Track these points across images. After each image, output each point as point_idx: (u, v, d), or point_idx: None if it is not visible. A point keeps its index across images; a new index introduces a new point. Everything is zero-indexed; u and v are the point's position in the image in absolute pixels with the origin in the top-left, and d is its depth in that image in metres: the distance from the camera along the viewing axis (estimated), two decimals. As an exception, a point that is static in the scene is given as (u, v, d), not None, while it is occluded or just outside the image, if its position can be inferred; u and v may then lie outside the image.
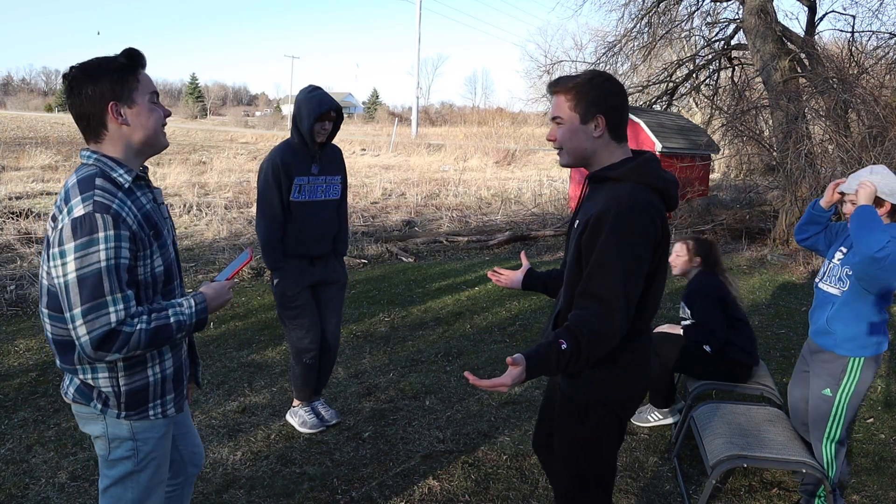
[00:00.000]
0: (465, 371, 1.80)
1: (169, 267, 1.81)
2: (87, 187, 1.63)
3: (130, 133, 1.72)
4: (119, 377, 1.76)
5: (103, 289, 1.59)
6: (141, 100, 1.72)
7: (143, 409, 1.81)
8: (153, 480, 1.88)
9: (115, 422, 1.79)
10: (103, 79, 1.67)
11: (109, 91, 1.68)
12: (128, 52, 1.73)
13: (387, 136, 35.85)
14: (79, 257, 1.58)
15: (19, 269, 6.44)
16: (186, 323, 1.74)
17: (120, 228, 1.61)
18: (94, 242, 1.58)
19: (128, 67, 1.71)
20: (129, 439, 1.81)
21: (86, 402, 1.79)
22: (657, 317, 6.07)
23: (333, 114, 3.33)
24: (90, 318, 1.59)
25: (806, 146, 8.94)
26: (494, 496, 3.05)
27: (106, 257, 1.59)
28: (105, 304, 1.60)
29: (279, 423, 3.69)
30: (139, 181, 1.78)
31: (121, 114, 1.70)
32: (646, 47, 13.32)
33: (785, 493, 3.16)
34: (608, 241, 1.74)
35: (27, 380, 4.17)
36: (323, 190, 3.46)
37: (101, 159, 1.71)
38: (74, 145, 22.47)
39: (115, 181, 1.69)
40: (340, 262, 3.65)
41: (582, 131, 1.87)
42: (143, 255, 1.70)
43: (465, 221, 11.01)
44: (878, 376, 4.77)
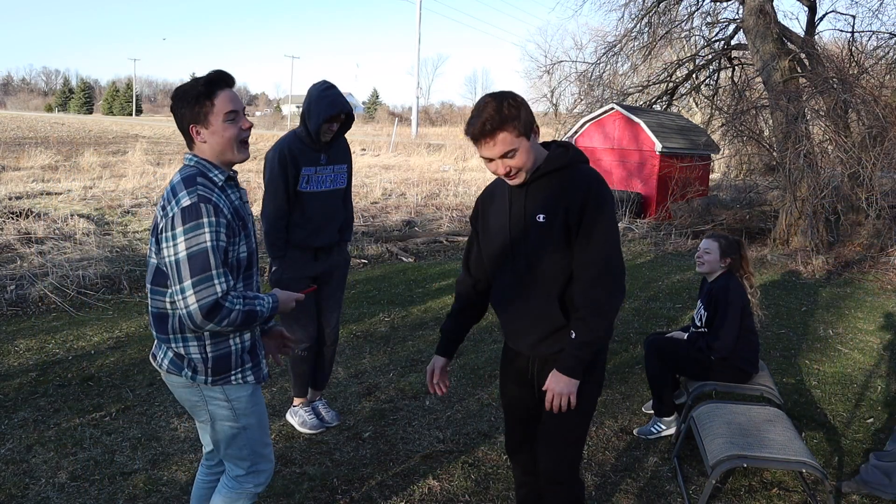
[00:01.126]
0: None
1: (251, 254, 2.09)
2: (191, 183, 1.94)
3: (209, 148, 2.02)
4: (206, 345, 2.03)
5: (210, 263, 1.88)
6: (215, 121, 1.98)
7: (227, 375, 2.07)
8: (257, 433, 2.16)
9: (207, 388, 2.06)
10: (185, 105, 1.98)
11: (189, 116, 1.99)
12: (208, 77, 1.99)
13: (387, 136, 35.86)
14: (188, 238, 1.87)
15: (19, 269, 6.44)
16: (265, 314, 2.02)
17: (219, 216, 1.91)
18: (200, 226, 1.87)
19: (204, 94, 1.97)
20: (224, 400, 2.08)
21: (178, 371, 2.04)
22: (658, 317, 6.07)
23: (343, 116, 3.32)
24: (199, 289, 1.86)
25: (805, 146, 8.93)
26: (494, 496, 3.05)
27: (210, 238, 1.88)
28: (211, 278, 1.87)
29: (279, 423, 3.69)
30: (230, 181, 2.06)
31: (199, 133, 2.00)
32: (646, 47, 13.32)
33: (785, 493, 3.16)
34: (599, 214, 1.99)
35: (27, 380, 4.17)
36: (331, 179, 3.44)
37: (200, 162, 2.02)
38: (74, 145, 22.47)
39: (211, 179, 2.00)
40: (344, 248, 3.63)
41: (531, 147, 2.00)
42: (234, 241, 1.99)
43: (465, 221, 11.01)
44: (878, 376, 4.78)
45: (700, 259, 3.71)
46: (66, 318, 5.44)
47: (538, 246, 2.06)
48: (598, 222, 1.99)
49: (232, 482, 2.20)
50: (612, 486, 3.18)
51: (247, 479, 2.19)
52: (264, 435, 2.20)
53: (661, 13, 12.87)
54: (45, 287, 5.89)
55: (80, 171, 15.22)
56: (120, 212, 10.18)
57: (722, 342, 3.50)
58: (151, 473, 3.13)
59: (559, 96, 26.14)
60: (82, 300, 5.86)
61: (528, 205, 2.07)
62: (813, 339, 5.59)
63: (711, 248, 3.67)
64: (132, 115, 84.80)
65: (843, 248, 9.37)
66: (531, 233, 2.06)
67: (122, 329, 5.18)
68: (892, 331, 5.90)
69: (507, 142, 1.94)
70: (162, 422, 3.67)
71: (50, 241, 7.74)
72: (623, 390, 4.35)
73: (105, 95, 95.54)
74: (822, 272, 8.22)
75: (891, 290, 7.51)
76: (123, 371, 4.36)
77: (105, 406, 3.84)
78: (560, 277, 2.07)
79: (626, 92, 14.25)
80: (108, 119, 65.06)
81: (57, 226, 8.54)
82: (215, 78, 2.00)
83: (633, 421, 3.91)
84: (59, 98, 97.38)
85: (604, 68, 14.05)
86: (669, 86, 13.85)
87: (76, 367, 4.39)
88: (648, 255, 9.19)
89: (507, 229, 2.13)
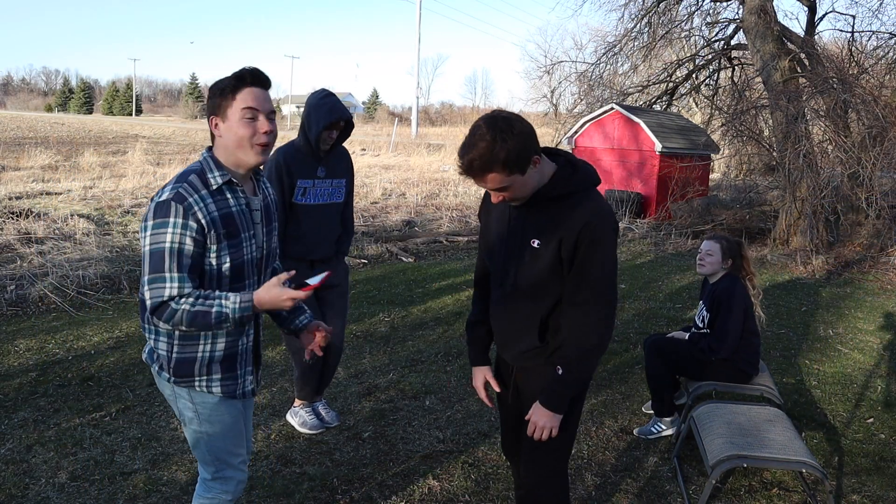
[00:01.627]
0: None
1: (240, 265, 2.00)
2: (181, 179, 1.91)
3: (224, 144, 1.97)
4: (174, 345, 1.99)
5: (164, 265, 1.84)
6: (233, 115, 1.93)
7: (190, 380, 2.02)
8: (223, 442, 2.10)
9: (175, 386, 2.03)
10: (213, 96, 1.96)
11: (212, 107, 1.96)
12: (239, 73, 1.96)
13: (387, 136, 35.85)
14: (153, 234, 1.85)
15: (19, 269, 6.44)
16: (227, 316, 1.87)
17: (188, 219, 1.85)
18: (165, 225, 1.84)
19: (231, 87, 1.93)
20: (189, 402, 2.05)
21: (151, 363, 2.06)
22: (658, 317, 6.07)
23: (342, 123, 3.31)
24: (152, 286, 1.85)
25: (805, 146, 8.93)
26: (494, 496, 3.05)
27: (170, 240, 1.83)
28: (163, 279, 1.84)
29: (279, 423, 3.69)
30: (232, 185, 1.98)
31: (217, 126, 1.97)
32: (646, 47, 13.33)
33: (785, 493, 3.16)
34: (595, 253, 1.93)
35: (27, 380, 4.17)
36: (328, 193, 3.41)
37: (207, 159, 1.98)
38: (74, 145, 22.48)
39: (206, 180, 1.94)
40: (343, 266, 3.60)
41: (528, 179, 1.89)
42: (212, 248, 1.91)
43: (465, 221, 11.01)
44: (878, 376, 4.78)
45: (702, 261, 3.69)
46: (66, 318, 5.44)
47: (529, 269, 2.01)
48: (593, 260, 1.92)
49: (202, 484, 2.17)
50: (612, 486, 3.18)
51: (214, 484, 2.14)
52: (232, 444, 2.13)
53: (661, 13, 12.88)
54: (45, 287, 5.89)
55: (80, 171, 15.22)
56: (120, 212, 10.18)
57: (723, 344, 3.50)
58: (151, 473, 3.13)
59: (559, 96, 26.18)
60: (82, 300, 5.86)
61: (527, 226, 2.01)
62: (813, 339, 5.59)
63: (713, 250, 3.65)
64: (132, 115, 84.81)
65: (843, 248, 9.37)
66: (524, 255, 2.01)
67: (122, 329, 5.18)
68: (892, 331, 5.90)
69: (496, 181, 1.85)
70: (162, 422, 3.67)
71: (50, 241, 7.74)
72: (623, 390, 4.35)
73: (105, 95, 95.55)
74: (822, 272, 8.22)
75: (891, 290, 7.51)
76: (123, 371, 4.36)
77: (105, 406, 3.84)
78: (546, 302, 2.03)
79: (626, 92, 14.25)
80: (108, 119, 65.07)
81: (57, 226, 8.54)
82: (245, 74, 1.96)
83: (633, 421, 3.91)
84: (59, 98, 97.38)
85: (604, 68, 14.06)
86: (669, 86, 13.85)
87: (76, 367, 4.39)
88: (648, 255, 9.19)
89: (504, 244, 2.08)
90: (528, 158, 1.84)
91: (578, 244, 1.91)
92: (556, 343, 2.07)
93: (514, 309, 2.10)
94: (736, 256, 3.66)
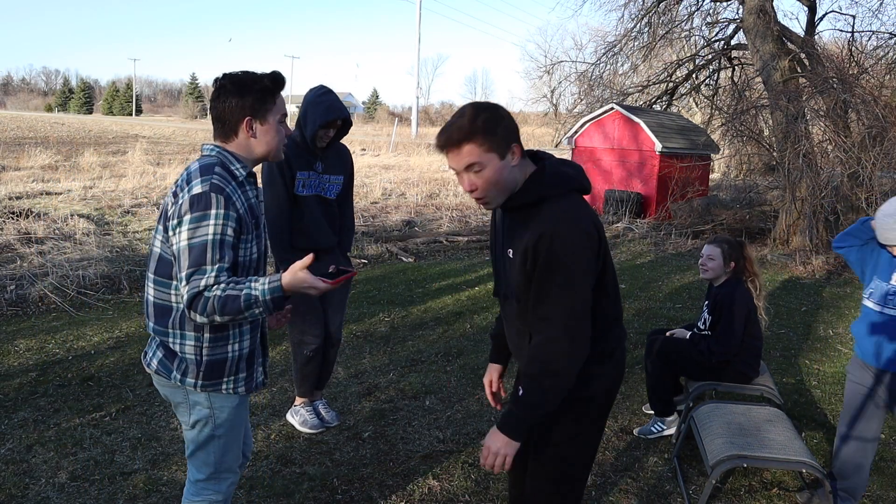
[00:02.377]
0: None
1: (260, 256, 2.04)
2: (207, 172, 1.88)
3: (255, 145, 1.97)
4: (203, 347, 1.95)
5: (206, 257, 1.81)
6: (272, 119, 1.96)
7: (218, 382, 2.00)
8: (230, 444, 2.09)
9: (193, 391, 1.99)
10: (248, 95, 1.91)
11: (250, 107, 1.92)
12: (274, 75, 1.96)
13: (387, 135, 35.85)
14: (192, 227, 1.81)
15: (19, 269, 6.44)
16: (258, 299, 1.80)
17: (229, 209, 1.85)
18: (206, 217, 1.82)
19: (269, 90, 1.93)
20: (206, 407, 2.01)
21: (166, 373, 1.98)
22: (658, 317, 6.07)
23: (339, 122, 3.29)
24: (192, 280, 1.80)
25: (805, 146, 8.94)
26: (494, 496, 3.05)
27: (213, 231, 1.82)
28: (203, 271, 1.80)
29: (279, 423, 3.69)
30: (251, 177, 2.00)
31: (252, 128, 1.95)
32: (646, 47, 13.33)
33: (785, 493, 3.16)
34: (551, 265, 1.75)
35: (27, 380, 4.17)
36: (325, 188, 3.43)
37: (222, 153, 1.96)
38: (74, 145, 22.47)
39: (231, 172, 1.94)
40: (346, 259, 3.63)
41: (504, 168, 1.78)
42: (245, 238, 1.93)
43: (465, 221, 11.01)
44: (878, 376, 4.77)
45: (704, 266, 3.65)
46: (66, 318, 5.44)
47: (510, 279, 1.92)
48: (552, 275, 1.75)
49: (193, 487, 2.13)
50: (611, 486, 3.18)
51: (207, 485, 2.11)
52: (236, 446, 2.14)
53: (661, 13, 12.87)
54: (45, 287, 5.89)
55: (80, 171, 15.22)
56: (120, 212, 10.18)
57: (724, 347, 3.49)
58: (151, 473, 3.13)
59: (559, 96, 26.17)
60: (82, 300, 5.86)
61: (506, 235, 1.93)
62: (813, 339, 5.59)
63: (714, 254, 3.61)
64: (132, 115, 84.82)
65: (843, 248, 9.36)
66: (507, 265, 1.93)
67: (122, 329, 5.18)
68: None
69: (473, 154, 1.74)
70: (162, 422, 3.67)
71: (50, 241, 7.74)
72: (623, 390, 4.35)
73: (105, 95, 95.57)
74: (822, 272, 8.22)
75: (891, 290, 7.50)
76: (123, 371, 4.36)
77: (105, 406, 3.84)
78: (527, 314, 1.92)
79: (626, 92, 14.26)
80: (108, 119, 65.06)
81: (57, 226, 8.54)
82: (280, 78, 1.97)
83: (633, 421, 3.91)
84: (59, 98, 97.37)
85: (604, 68, 14.07)
86: (669, 86, 13.85)
87: (76, 367, 4.39)
88: (648, 255, 9.19)
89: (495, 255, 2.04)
90: (508, 141, 1.78)
91: (537, 255, 1.76)
92: None
93: (510, 318, 2.03)
94: (738, 258, 3.63)
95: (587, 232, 1.78)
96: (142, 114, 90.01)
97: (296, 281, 1.82)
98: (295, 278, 1.82)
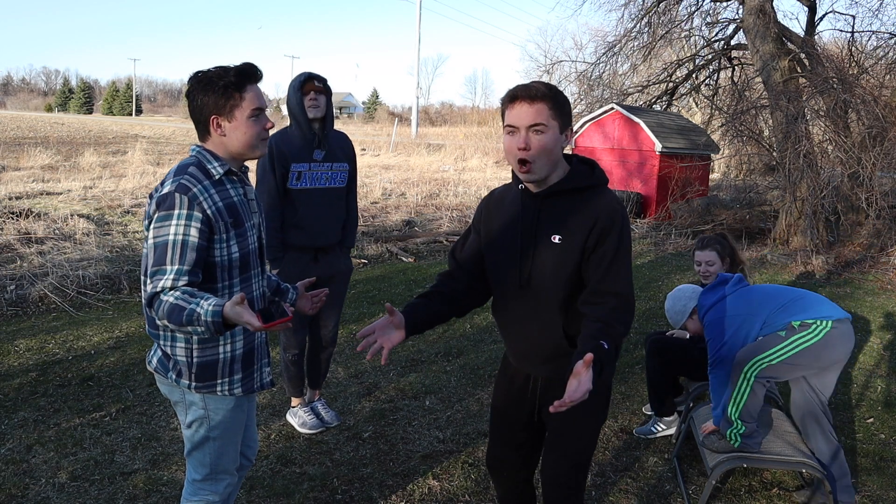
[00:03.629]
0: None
1: (246, 256, 1.99)
2: (180, 172, 1.88)
3: (228, 142, 1.94)
4: (193, 349, 1.95)
5: (165, 257, 1.80)
6: (241, 115, 1.91)
7: (212, 384, 1.99)
8: (226, 445, 2.08)
9: (189, 392, 1.99)
10: (210, 93, 1.89)
11: (213, 105, 1.89)
12: (239, 68, 1.91)
13: (387, 136, 35.82)
14: (157, 227, 1.82)
15: (19, 269, 6.44)
16: (201, 317, 1.71)
17: (193, 209, 1.82)
18: (169, 217, 1.81)
19: (234, 85, 1.88)
20: (202, 408, 2.00)
21: (164, 372, 1.99)
22: (658, 317, 6.07)
23: (318, 84, 3.21)
24: (153, 279, 1.80)
25: (805, 146, 8.93)
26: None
27: (174, 232, 1.80)
28: (163, 271, 1.79)
29: (279, 423, 3.69)
30: (231, 175, 1.98)
31: (220, 126, 1.92)
32: (646, 47, 13.32)
33: (785, 493, 3.16)
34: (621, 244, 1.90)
35: (27, 380, 4.17)
36: (328, 177, 3.33)
37: (202, 152, 1.95)
38: (74, 145, 22.47)
39: (207, 171, 1.92)
40: (345, 260, 3.56)
41: (558, 142, 1.88)
42: (219, 239, 1.89)
43: (465, 221, 11.01)
44: (878, 376, 4.77)
45: (706, 274, 3.60)
46: (66, 318, 5.44)
47: (550, 268, 1.93)
48: (621, 253, 1.90)
49: (190, 487, 2.13)
50: (611, 486, 3.18)
51: (203, 485, 2.11)
52: (234, 449, 2.13)
53: (660, 13, 12.86)
54: (45, 287, 5.89)
55: (80, 171, 15.22)
56: (120, 212, 10.17)
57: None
58: (151, 473, 3.13)
59: (559, 96, 26.08)
60: (82, 300, 5.86)
61: (544, 222, 1.95)
62: (813, 339, 5.58)
63: (712, 259, 3.58)
64: (132, 115, 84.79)
65: (843, 248, 9.37)
66: (544, 253, 1.94)
67: (122, 329, 5.18)
68: (892, 331, 5.90)
69: (542, 113, 1.83)
70: (162, 422, 3.67)
71: (50, 241, 7.74)
72: (623, 390, 4.35)
73: (105, 95, 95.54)
74: (822, 272, 8.22)
75: (891, 290, 7.51)
76: (123, 371, 4.36)
77: (105, 406, 3.84)
78: (568, 302, 1.96)
79: (626, 92, 14.25)
80: (108, 119, 65.05)
81: (57, 226, 8.53)
82: (247, 70, 1.91)
83: (633, 421, 3.91)
84: (59, 98, 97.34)
85: (604, 68, 14.05)
86: (669, 86, 13.85)
87: (76, 367, 4.39)
88: (648, 255, 9.19)
89: (518, 245, 1.98)
90: (568, 122, 1.91)
91: (607, 235, 1.89)
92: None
93: (534, 309, 1.99)
94: (730, 252, 3.65)
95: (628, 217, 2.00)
96: (142, 114, 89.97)
97: (233, 314, 1.71)
98: (233, 311, 1.72)
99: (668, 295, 3.36)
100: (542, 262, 1.95)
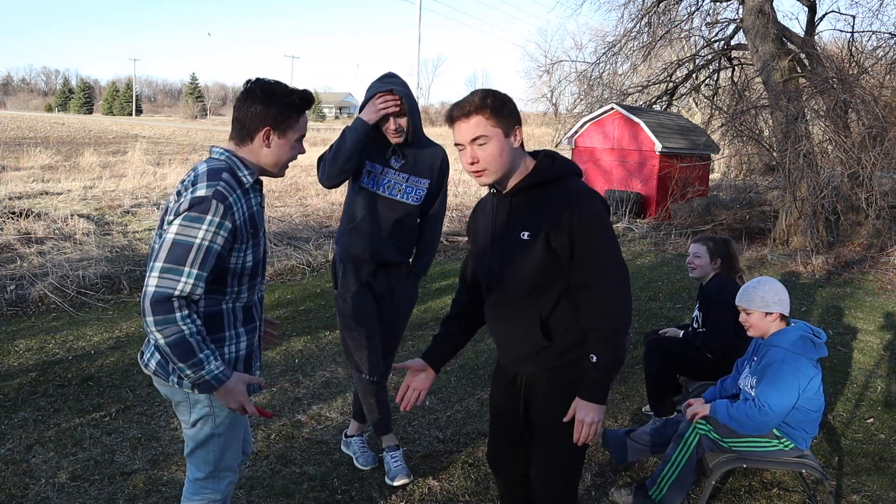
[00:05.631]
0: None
1: (257, 263, 2.01)
2: (215, 177, 1.86)
3: (266, 155, 1.98)
4: None
5: (186, 258, 1.78)
6: (291, 136, 1.97)
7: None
8: (230, 442, 2.08)
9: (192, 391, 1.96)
10: (273, 106, 1.92)
11: (273, 118, 1.93)
12: (304, 93, 1.99)
13: (387, 136, 35.75)
14: (184, 225, 1.79)
15: (19, 269, 6.44)
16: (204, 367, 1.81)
17: (226, 219, 1.83)
18: (201, 220, 1.80)
19: (296, 106, 1.95)
20: (206, 406, 1.99)
21: (165, 376, 1.96)
22: (658, 317, 6.07)
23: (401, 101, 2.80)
24: (165, 275, 1.76)
25: (805, 146, 8.93)
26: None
27: (203, 236, 1.80)
28: (180, 272, 1.77)
29: (279, 423, 3.69)
30: (256, 185, 2.00)
31: (269, 139, 1.95)
32: (646, 47, 13.32)
33: (785, 493, 3.16)
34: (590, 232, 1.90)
35: (27, 380, 4.17)
36: (400, 189, 2.98)
37: (231, 157, 1.95)
38: (74, 145, 22.49)
39: (238, 179, 1.93)
40: (412, 281, 3.16)
41: (506, 147, 1.92)
42: (239, 248, 1.91)
43: (465, 221, 11.01)
44: (878, 376, 4.78)
45: (691, 265, 3.69)
46: (66, 318, 5.44)
47: (521, 265, 1.96)
48: (591, 240, 1.89)
49: (192, 486, 2.12)
50: (611, 486, 3.18)
51: (206, 483, 2.11)
52: (237, 446, 2.13)
53: (660, 13, 12.87)
54: (45, 287, 5.89)
55: (80, 171, 15.23)
56: (120, 212, 10.18)
57: (715, 341, 3.49)
58: (151, 473, 3.13)
59: (559, 96, 26.16)
60: (82, 300, 5.86)
61: (512, 220, 1.99)
62: (813, 339, 5.58)
63: (700, 252, 3.65)
64: (132, 115, 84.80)
65: (843, 248, 9.37)
66: (513, 250, 1.97)
67: (122, 329, 5.18)
68: (892, 331, 5.90)
69: (480, 125, 1.88)
70: (162, 422, 3.67)
71: (50, 241, 7.74)
72: (623, 390, 4.35)
73: (105, 95, 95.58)
74: (822, 272, 8.22)
75: (891, 290, 7.51)
76: (123, 371, 4.36)
77: (105, 406, 3.84)
78: (544, 296, 1.97)
79: (626, 92, 14.24)
80: (108, 119, 65.07)
81: (57, 226, 8.54)
82: (309, 98, 1.99)
83: (634, 421, 3.91)
84: (59, 98, 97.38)
85: (603, 68, 14.04)
86: (669, 86, 13.85)
87: (76, 367, 4.39)
88: (648, 255, 9.19)
89: (490, 245, 2.05)
90: (512, 122, 1.93)
91: (573, 227, 1.88)
92: (570, 339, 1.98)
93: (510, 308, 2.03)
94: (724, 256, 3.65)
95: (602, 201, 1.97)
96: (142, 114, 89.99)
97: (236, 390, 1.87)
98: (235, 387, 1.87)
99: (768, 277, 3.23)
100: (511, 260, 1.99)
